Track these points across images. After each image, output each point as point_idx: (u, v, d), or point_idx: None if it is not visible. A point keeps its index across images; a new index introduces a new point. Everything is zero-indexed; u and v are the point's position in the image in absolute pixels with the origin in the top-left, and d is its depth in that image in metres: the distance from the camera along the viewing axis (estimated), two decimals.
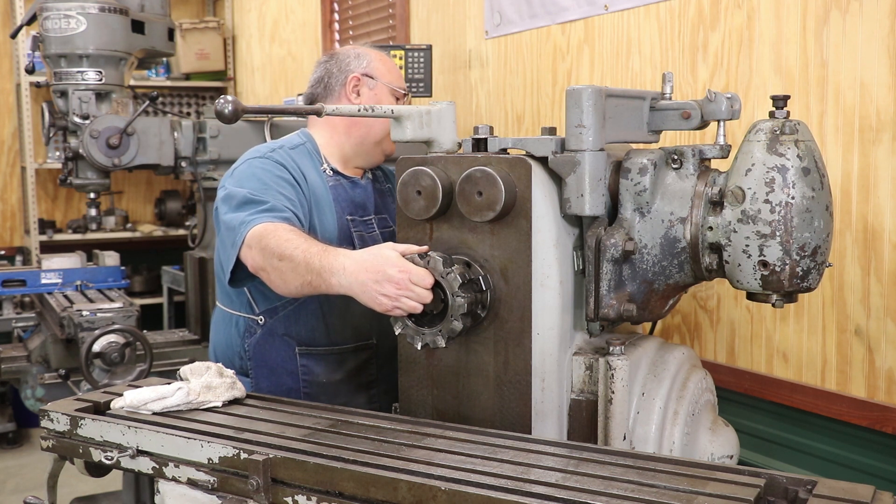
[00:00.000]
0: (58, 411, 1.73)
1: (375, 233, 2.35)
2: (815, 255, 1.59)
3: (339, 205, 2.30)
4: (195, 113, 6.33)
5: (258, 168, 2.18)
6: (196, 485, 1.57)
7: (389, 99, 2.36)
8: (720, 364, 2.53)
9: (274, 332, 2.25)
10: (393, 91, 2.35)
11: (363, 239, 2.30)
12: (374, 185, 2.43)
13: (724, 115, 1.73)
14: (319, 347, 2.26)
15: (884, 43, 2.09)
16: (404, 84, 2.40)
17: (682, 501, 1.27)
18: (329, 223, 2.26)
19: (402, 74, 2.46)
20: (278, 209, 2.06)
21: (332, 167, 2.33)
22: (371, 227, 2.35)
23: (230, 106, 1.69)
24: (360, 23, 4.61)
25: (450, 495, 1.33)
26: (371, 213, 2.37)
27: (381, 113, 1.86)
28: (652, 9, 2.71)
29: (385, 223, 2.40)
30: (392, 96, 2.36)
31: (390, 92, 2.35)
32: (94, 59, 3.61)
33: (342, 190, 2.33)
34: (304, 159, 2.32)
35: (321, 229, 2.23)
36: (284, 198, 2.11)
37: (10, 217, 6.29)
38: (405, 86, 2.40)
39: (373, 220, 2.37)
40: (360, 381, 2.29)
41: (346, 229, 2.29)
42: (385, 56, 2.43)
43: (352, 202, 2.34)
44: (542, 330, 1.70)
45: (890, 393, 2.14)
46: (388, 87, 2.34)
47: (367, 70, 2.35)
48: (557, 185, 1.71)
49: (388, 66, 2.41)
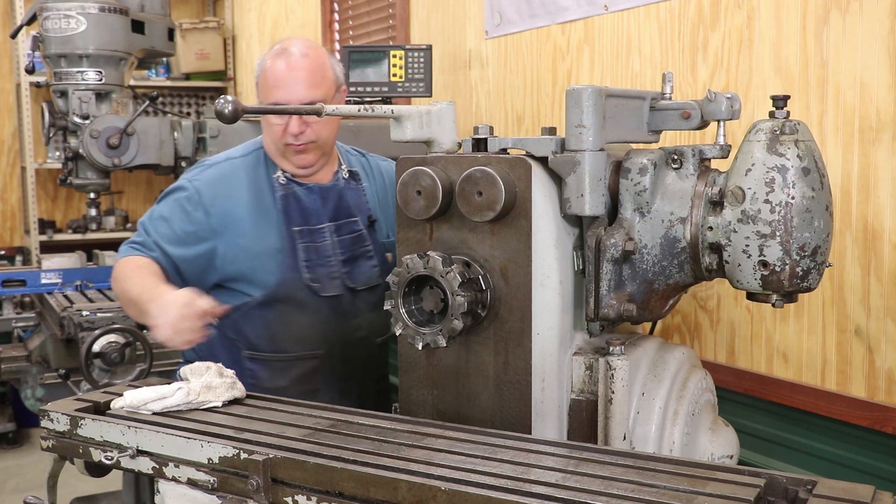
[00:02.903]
0: (58, 411, 1.73)
1: (327, 242, 2.33)
2: (815, 255, 1.59)
3: (287, 215, 2.30)
4: (195, 113, 6.34)
5: (171, 200, 2.33)
6: (196, 485, 1.57)
7: (270, 121, 2.28)
8: (720, 364, 2.53)
9: (224, 333, 2.32)
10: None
11: (309, 251, 2.30)
12: (348, 185, 2.40)
13: (724, 115, 1.73)
14: (264, 353, 2.29)
15: (884, 43, 2.09)
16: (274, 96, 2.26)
17: (682, 501, 1.27)
18: (270, 237, 2.28)
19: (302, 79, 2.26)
20: (148, 246, 2.27)
21: (285, 174, 2.33)
22: (322, 235, 2.32)
23: (230, 106, 1.69)
24: (360, 23, 4.61)
25: (450, 495, 1.33)
26: (325, 220, 2.34)
27: (381, 113, 1.86)
28: (652, 9, 2.71)
29: (353, 227, 2.37)
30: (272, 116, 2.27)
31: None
32: (94, 59, 3.61)
33: (293, 199, 2.32)
34: (249, 171, 2.33)
35: (262, 244, 2.27)
36: (169, 236, 2.27)
37: (10, 217, 6.29)
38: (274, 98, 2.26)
39: (326, 228, 2.33)
40: (304, 389, 2.29)
41: (291, 241, 2.29)
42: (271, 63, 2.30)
43: (303, 211, 2.32)
44: (542, 330, 1.70)
45: (890, 393, 2.14)
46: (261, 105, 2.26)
47: (256, 87, 2.34)
48: (557, 185, 1.71)
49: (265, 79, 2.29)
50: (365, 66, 3.34)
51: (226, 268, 2.30)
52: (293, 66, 2.27)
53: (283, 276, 2.30)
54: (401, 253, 1.79)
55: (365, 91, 3.34)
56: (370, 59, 3.33)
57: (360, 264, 2.40)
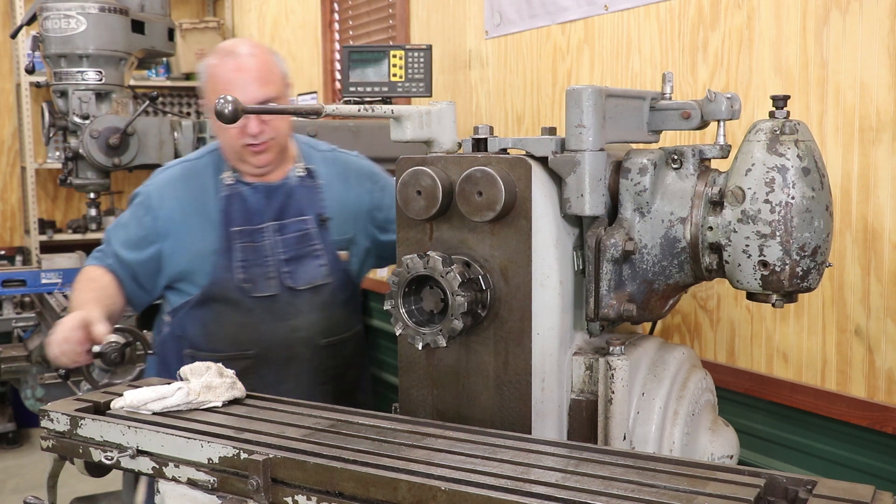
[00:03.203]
0: (58, 411, 1.73)
1: (265, 242, 2.32)
2: (815, 255, 1.59)
3: (227, 216, 2.32)
4: (195, 113, 6.34)
5: (131, 206, 2.42)
6: (196, 485, 1.57)
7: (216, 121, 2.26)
8: (720, 364, 2.53)
9: (173, 332, 2.39)
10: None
11: (247, 251, 2.31)
12: (302, 183, 2.39)
13: (724, 115, 1.73)
14: (202, 352, 2.30)
15: (884, 43, 2.09)
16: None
17: (682, 501, 1.27)
18: (207, 239, 2.31)
19: (263, 77, 2.26)
20: (106, 255, 2.37)
21: (235, 174, 2.35)
22: (262, 235, 2.33)
23: (230, 106, 1.69)
24: (360, 23, 4.61)
25: (450, 495, 1.33)
26: (268, 219, 2.34)
27: (381, 113, 1.86)
28: (652, 9, 2.71)
29: (300, 226, 2.36)
30: None
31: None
32: (94, 59, 3.61)
33: (237, 199, 2.33)
34: (200, 173, 2.35)
35: (201, 245, 2.31)
36: (125, 241, 2.35)
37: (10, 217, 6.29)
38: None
39: (268, 228, 2.33)
40: None
41: (228, 241, 2.31)
42: (218, 66, 2.29)
43: (246, 211, 2.33)
44: (542, 330, 1.70)
45: (890, 393, 2.14)
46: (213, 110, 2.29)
47: (204, 93, 2.33)
48: (557, 185, 1.71)
49: (215, 83, 2.28)
50: (365, 66, 3.34)
51: (170, 269, 2.35)
52: (242, 67, 2.26)
53: (216, 276, 2.32)
54: (401, 253, 1.79)
55: (365, 91, 3.34)
56: (370, 59, 3.33)
57: (304, 264, 2.38)
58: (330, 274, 2.39)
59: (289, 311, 2.37)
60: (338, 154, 2.55)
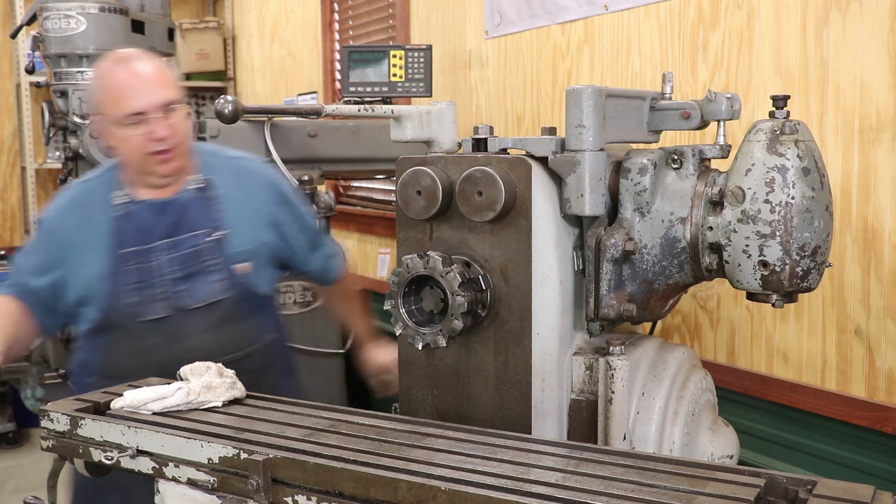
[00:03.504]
0: (58, 411, 1.73)
1: (155, 263, 2.24)
2: (815, 255, 1.59)
3: (118, 237, 2.25)
4: (195, 113, 6.34)
5: (35, 235, 2.39)
6: (196, 485, 1.56)
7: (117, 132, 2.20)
8: (720, 364, 2.53)
9: (79, 358, 2.37)
10: (119, 121, 2.16)
11: (141, 272, 2.24)
12: (197, 196, 2.30)
13: (724, 115, 1.73)
14: (106, 378, 2.19)
15: (884, 43, 2.09)
16: (131, 106, 2.16)
17: (682, 501, 1.27)
18: (98, 263, 2.24)
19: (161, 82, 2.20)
20: (12, 281, 2.32)
21: (127, 193, 2.27)
22: (153, 255, 2.24)
23: (230, 106, 1.70)
24: (360, 23, 4.61)
25: (450, 495, 1.33)
26: (159, 237, 2.25)
27: (381, 113, 1.86)
28: (652, 9, 2.71)
29: (194, 241, 2.26)
30: (121, 126, 2.17)
31: (116, 123, 2.16)
32: (94, 59, 3.60)
33: (127, 219, 2.26)
34: (94, 194, 2.29)
35: (94, 270, 2.24)
36: (32, 268, 2.29)
37: (10, 217, 6.29)
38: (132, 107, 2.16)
39: (159, 246, 2.25)
40: None
41: (118, 264, 2.24)
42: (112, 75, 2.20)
43: (136, 231, 2.25)
44: (542, 330, 1.70)
45: (890, 393, 2.14)
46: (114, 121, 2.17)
47: (98, 108, 2.24)
48: (557, 185, 1.71)
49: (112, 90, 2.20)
50: (365, 66, 3.33)
51: (70, 295, 2.27)
52: (138, 73, 2.19)
53: (108, 301, 2.25)
54: (401, 253, 1.79)
55: (365, 91, 3.33)
56: (370, 59, 3.32)
57: (199, 281, 2.27)
58: (228, 289, 2.29)
59: (183, 332, 2.28)
60: (241, 162, 2.44)
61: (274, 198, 2.40)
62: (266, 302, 2.44)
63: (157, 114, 2.16)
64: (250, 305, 2.36)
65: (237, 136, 3.52)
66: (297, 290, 3.59)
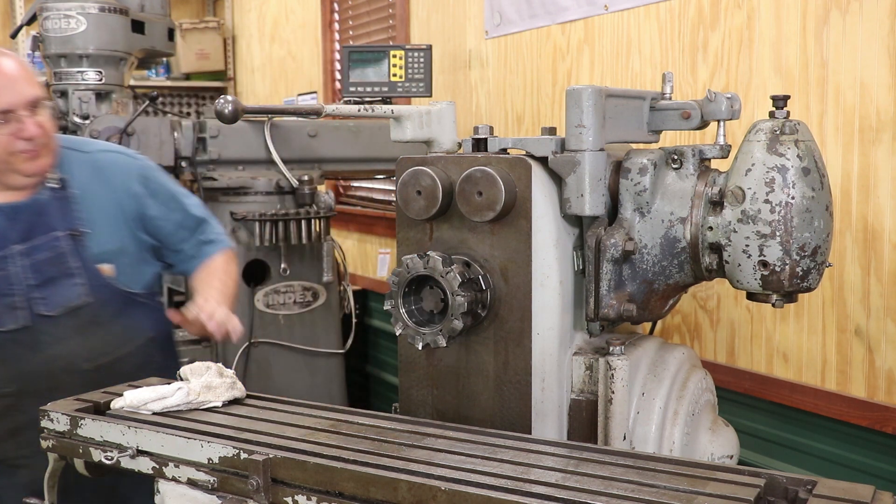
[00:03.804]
0: (58, 411, 1.73)
1: (11, 270, 2.12)
2: (815, 255, 1.59)
3: None
4: (195, 113, 6.33)
5: None
6: (196, 485, 1.56)
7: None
8: (720, 364, 2.53)
9: None
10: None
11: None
12: (54, 196, 2.18)
13: (724, 115, 1.73)
14: None
15: (884, 43, 2.09)
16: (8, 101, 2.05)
17: (682, 501, 1.27)
18: None
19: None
20: None
21: None
22: (7, 262, 2.12)
23: (230, 106, 1.69)
24: (360, 23, 4.61)
25: (450, 495, 1.33)
26: (12, 242, 2.13)
27: (381, 113, 1.86)
28: (652, 9, 2.71)
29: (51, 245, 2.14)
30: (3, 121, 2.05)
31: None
32: (94, 59, 3.61)
33: None
34: None
35: None
36: None
37: None
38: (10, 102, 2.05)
39: (13, 252, 2.13)
40: (6, 428, 2.16)
41: None
42: None
43: None
44: (542, 330, 1.70)
45: (890, 393, 2.14)
46: None
47: None
48: (557, 185, 1.71)
49: None
50: (365, 66, 3.33)
51: None
52: (4, 69, 2.10)
53: None
54: (401, 253, 1.79)
55: (365, 91, 3.33)
56: (370, 59, 3.32)
57: (58, 286, 2.15)
58: (90, 293, 2.17)
59: (45, 341, 2.16)
60: (104, 155, 2.31)
61: (139, 190, 2.27)
62: (141, 300, 2.30)
63: (25, 111, 2.07)
64: (119, 307, 2.24)
65: (237, 136, 3.53)
66: (297, 290, 3.58)
